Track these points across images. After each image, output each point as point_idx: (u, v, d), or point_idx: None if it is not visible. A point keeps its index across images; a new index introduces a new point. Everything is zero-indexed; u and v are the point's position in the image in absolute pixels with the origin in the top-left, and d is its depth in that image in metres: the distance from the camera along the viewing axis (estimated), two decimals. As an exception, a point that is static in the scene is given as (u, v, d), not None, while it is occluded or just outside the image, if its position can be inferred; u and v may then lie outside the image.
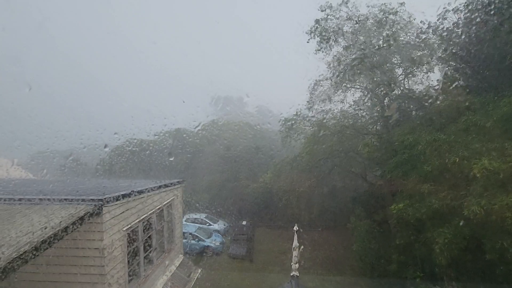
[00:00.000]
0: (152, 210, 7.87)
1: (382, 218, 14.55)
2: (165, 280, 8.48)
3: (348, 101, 17.68)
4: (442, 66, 14.90)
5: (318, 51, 16.24)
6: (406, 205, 10.27)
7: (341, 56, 16.17)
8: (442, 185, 9.97)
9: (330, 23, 15.78)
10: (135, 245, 7.17)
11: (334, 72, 16.65)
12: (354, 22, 15.72)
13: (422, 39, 14.75)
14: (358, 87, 17.43)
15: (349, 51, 15.83)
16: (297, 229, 9.37)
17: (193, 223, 19.92)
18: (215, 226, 20.91)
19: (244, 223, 20.21)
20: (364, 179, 18.49)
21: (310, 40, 16.14)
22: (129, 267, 6.72)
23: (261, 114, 38.07)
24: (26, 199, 5.82)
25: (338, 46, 16.25)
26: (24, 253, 3.86)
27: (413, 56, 15.01)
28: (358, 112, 17.60)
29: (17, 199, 5.81)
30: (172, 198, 9.41)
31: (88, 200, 5.58)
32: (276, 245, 17.60)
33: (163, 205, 8.72)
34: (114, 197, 5.91)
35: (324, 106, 17.61)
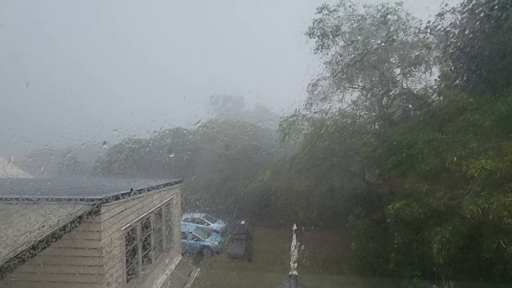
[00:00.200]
0: (150, 209, 7.86)
1: (381, 217, 14.58)
2: (164, 279, 8.49)
3: (346, 100, 17.78)
4: (440, 65, 14.96)
5: (316, 51, 16.31)
6: (403, 204, 10.27)
7: (339, 56, 16.21)
8: (440, 184, 9.99)
9: (328, 23, 15.82)
10: (134, 244, 7.16)
11: (332, 71, 16.71)
12: (352, 22, 15.77)
13: (420, 39, 14.82)
14: (357, 87, 17.49)
15: (347, 51, 15.89)
16: (296, 228, 9.39)
17: (191, 223, 19.92)
18: (214, 225, 20.91)
19: (243, 223, 20.20)
20: (362, 179, 18.54)
21: (309, 40, 16.22)
22: (127, 267, 6.72)
23: (261, 112, 38.06)
24: (23, 198, 5.80)
25: (337, 46, 16.35)
26: (21, 252, 3.83)
27: (411, 55, 15.07)
28: (356, 111, 17.66)
29: (14, 198, 5.79)
30: (170, 197, 9.41)
31: (86, 199, 5.57)
32: (275, 244, 17.58)
33: (162, 204, 8.72)
34: (112, 196, 5.90)
35: (322, 105, 17.71)
